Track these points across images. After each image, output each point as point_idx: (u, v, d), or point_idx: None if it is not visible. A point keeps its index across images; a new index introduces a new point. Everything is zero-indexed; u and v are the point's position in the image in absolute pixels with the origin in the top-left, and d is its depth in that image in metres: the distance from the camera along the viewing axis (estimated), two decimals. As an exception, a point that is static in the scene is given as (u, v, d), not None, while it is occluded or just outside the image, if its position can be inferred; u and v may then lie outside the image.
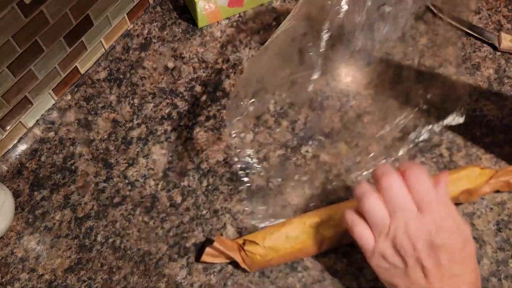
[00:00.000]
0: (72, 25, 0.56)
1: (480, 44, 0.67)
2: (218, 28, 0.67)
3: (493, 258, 0.52)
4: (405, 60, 0.65)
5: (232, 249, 0.49)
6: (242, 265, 0.49)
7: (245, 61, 0.64)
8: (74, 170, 0.56)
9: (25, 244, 0.52)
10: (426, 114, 0.60)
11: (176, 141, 0.58)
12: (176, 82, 0.63)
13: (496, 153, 0.58)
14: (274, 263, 0.50)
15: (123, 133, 0.59)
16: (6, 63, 0.50)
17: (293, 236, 0.49)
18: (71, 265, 0.51)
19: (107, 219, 0.54)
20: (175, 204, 0.54)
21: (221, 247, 0.48)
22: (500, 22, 0.69)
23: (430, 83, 0.63)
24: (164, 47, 0.65)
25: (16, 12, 0.48)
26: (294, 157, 0.57)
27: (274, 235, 0.49)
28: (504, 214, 0.54)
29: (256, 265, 0.49)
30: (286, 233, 0.49)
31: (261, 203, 0.54)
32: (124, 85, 0.62)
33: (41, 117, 0.60)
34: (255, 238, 0.49)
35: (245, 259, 0.49)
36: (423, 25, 0.68)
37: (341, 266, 0.51)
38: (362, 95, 0.62)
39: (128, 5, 0.64)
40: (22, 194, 0.55)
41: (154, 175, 0.56)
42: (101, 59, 0.64)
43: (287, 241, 0.49)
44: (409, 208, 0.40)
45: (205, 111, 0.60)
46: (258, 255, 0.48)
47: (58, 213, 0.54)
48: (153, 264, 0.51)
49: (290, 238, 0.49)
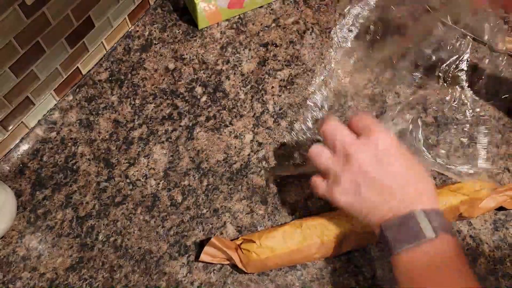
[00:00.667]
0: (73, 26, 0.57)
1: (477, 45, 0.67)
2: (218, 30, 0.68)
3: (490, 257, 0.52)
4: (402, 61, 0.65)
5: (229, 248, 0.49)
6: (239, 265, 0.49)
7: (245, 62, 0.65)
8: (76, 169, 0.57)
9: (27, 243, 0.53)
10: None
11: (177, 141, 0.59)
12: (177, 83, 0.63)
13: (493, 154, 0.59)
14: (270, 264, 0.50)
15: (124, 133, 0.59)
16: (8, 63, 0.51)
17: (289, 236, 0.49)
18: (72, 264, 0.52)
19: (108, 218, 0.54)
20: (175, 203, 0.55)
21: (219, 244, 0.48)
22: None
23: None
24: (164, 48, 0.66)
25: (18, 13, 0.48)
26: (293, 157, 0.58)
27: (271, 234, 0.49)
28: (500, 213, 0.55)
29: (252, 264, 0.49)
30: (283, 232, 0.50)
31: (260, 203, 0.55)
32: (125, 86, 0.63)
33: (43, 118, 0.60)
34: (252, 237, 0.50)
35: (242, 258, 0.49)
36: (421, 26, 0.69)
37: (340, 265, 0.52)
38: (360, 95, 0.62)
39: (129, 6, 0.65)
40: (24, 193, 0.55)
41: (155, 174, 0.57)
42: (102, 60, 0.65)
43: (284, 241, 0.49)
44: (350, 136, 0.44)
45: (205, 112, 0.61)
46: (254, 253, 0.48)
47: (60, 213, 0.54)
48: (153, 262, 0.52)
49: (287, 238, 0.49)
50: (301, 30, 0.68)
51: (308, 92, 0.62)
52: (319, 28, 0.68)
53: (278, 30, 0.68)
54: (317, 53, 0.66)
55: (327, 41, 0.67)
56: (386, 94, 0.62)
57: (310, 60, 0.65)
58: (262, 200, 0.55)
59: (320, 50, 0.66)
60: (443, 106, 0.62)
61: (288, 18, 0.69)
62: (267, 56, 0.65)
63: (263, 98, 0.62)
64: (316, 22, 0.69)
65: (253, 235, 0.50)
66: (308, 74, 0.64)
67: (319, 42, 0.67)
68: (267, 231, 0.50)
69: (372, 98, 0.62)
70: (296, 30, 0.68)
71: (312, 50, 0.66)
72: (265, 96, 0.62)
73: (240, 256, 0.49)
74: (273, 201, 0.55)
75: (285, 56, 0.65)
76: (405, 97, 0.62)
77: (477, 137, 0.59)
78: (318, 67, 0.65)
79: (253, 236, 0.50)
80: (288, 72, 0.64)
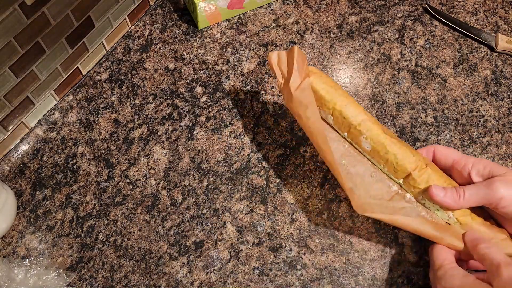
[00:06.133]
0: (73, 26, 0.57)
1: (477, 45, 0.67)
2: (218, 30, 0.68)
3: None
4: (402, 61, 0.65)
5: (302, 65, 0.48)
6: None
7: (245, 62, 0.65)
8: (76, 169, 0.57)
9: (27, 243, 0.53)
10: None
11: (177, 141, 0.59)
12: (177, 83, 0.63)
13: (493, 154, 0.59)
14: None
15: (124, 133, 0.59)
16: (8, 63, 0.51)
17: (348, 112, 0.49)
18: (72, 263, 0.52)
19: (108, 218, 0.54)
20: (175, 203, 0.55)
21: (295, 57, 0.48)
22: (497, 23, 0.69)
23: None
24: (164, 48, 0.66)
25: (18, 13, 0.48)
26: (293, 157, 0.58)
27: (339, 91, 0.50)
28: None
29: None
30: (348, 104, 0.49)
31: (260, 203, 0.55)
32: (125, 86, 0.63)
33: (43, 117, 0.60)
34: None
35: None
36: (421, 26, 0.69)
37: (339, 265, 0.52)
38: (360, 95, 0.63)
39: (129, 6, 0.65)
40: (24, 193, 0.55)
41: (155, 174, 0.57)
42: (102, 60, 0.65)
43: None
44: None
45: (205, 112, 0.61)
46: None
47: (60, 212, 0.54)
48: (154, 262, 0.52)
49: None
50: (301, 30, 0.68)
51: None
52: (319, 28, 0.68)
53: (278, 30, 0.68)
54: (317, 53, 0.66)
55: (327, 41, 0.67)
56: (386, 94, 0.63)
57: (310, 60, 0.65)
58: (262, 200, 0.55)
59: (320, 50, 0.66)
60: (443, 106, 0.62)
61: (288, 18, 0.69)
62: (267, 56, 0.65)
63: (263, 98, 0.62)
64: (316, 22, 0.69)
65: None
66: (308, 74, 0.64)
67: (319, 42, 0.67)
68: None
69: (372, 98, 0.62)
70: (296, 30, 0.68)
71: (312, 50, 0.66)
72: (265, 96, 0.62)
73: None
74: (273, 201, 0.55)
75: (285, 56, 0.66)
76: (405, 97, 0.62)
77: (477, 137, 0.59)
78: (318, 67, 0.65)
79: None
80: (288, 72, 0.64)
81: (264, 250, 0.52)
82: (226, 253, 0.52)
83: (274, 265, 0.51)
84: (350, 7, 0.70)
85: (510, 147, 0.59)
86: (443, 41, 0.68)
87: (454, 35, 0.68)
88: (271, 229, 0.53)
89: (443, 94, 0.63)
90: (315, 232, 0.53)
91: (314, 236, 0.53)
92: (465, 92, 0.63)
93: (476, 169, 0.46)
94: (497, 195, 0.43)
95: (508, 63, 0.66)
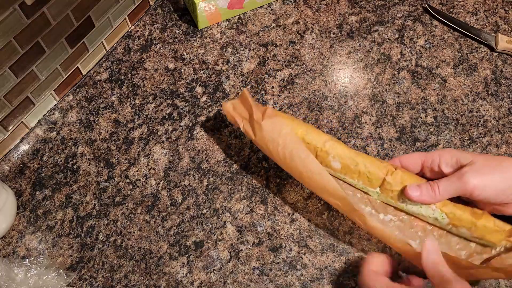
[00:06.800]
0: (73, 27, 0.57)
1: (477, 45, 0.67)
2: (218, 30, 0.68)
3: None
4: (402, 61, 0.65)
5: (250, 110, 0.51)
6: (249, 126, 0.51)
7: (245, 62, 0.65)
8: (76, 169, 0.57)
9: (27, 243, 0.53)
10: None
11: (177, 141, 0.59)
12: (177, 83, 0.63)
13: (493, 154, 0.59)
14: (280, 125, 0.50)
15: (124, 133, 0.59)
16: (8, 64, 0.51)
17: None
18: (72, 263, 0.52)
19: (108, 218, 0.54)
20: (175, 203, 0.55)
21: (248, 98, 0.50)
22: (497, 23, 0.69)
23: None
24: (164, 48, 0.66)
25: (18, 13, 0.48)
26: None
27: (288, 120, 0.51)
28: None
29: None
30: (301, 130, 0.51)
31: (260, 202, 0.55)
32: (125, 86, 0.63)
33: (43, 117, 0.60)
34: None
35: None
36: (421, 26, 0.69)
37: (339, 265, 0.52)
38: (360, 95, 0.63)
39: (129, 7, 0.65)
40: (24, 193, 0.55)
41: (155, 174, 0.57)
42: (102, 60, 0.65)
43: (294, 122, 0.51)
44: None
45: (205, 112, 0.61)
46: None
47: (60, 212, 0.54)
48: (154, 262, 0.52)
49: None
50: (301, 30, 0.68)
51: (308, 92, 0.62)
52: (319, 28, 0.68)
53: (278, 30, 0.68)
54: (317, 53, 0.66)
55: (327, 41, 0.67)
56: (386, 94, 0.63)
57: (310, 60, 0.65)
58: (262, 200, 0.55)
59: (320, 50, 0.66)
60: (443, 106, 0.62)
61: (288, 18, 0.69)
62: (267, 56, 0.65)
63: (263, 98, 0.62)
64: (316, 22, 0.69)
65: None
66: (308, 74, 0.64)
67: (319, 42, 0.67)
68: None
69: (372, 98, 0.62)
70: (296, 30, 0.68)
71: (312, 50, 0.66)
72: (265, 96, 0.62)
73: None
74: (273, 201, 0.55)
75: (285, 56, 0.66)
76: (405, 97, 0.62)
77: (477, 137, 0.59)
78: (318, 67, 0.65)
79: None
80: (288, 72, 0.64)
81: (264, 250, 0.52)
82: (226, 253, 0.52)
83: (274, 265, 0.51)
84: (350, 7, 0.70)
85: (510, 147, 0.59)
86: (443, 41, 0.68)
87: (454, 35, 0.68)
88: (271, 229, 0.53)
89: (443, 94, 0.63)
90: (315, 232, 0.53)
91: (314, 236, 0.53)
92: (465, 92, 0.63)
93: (445, 161, 0.48)
94: (469, 187, 0.45)
95: (508, 63, 0.66)
